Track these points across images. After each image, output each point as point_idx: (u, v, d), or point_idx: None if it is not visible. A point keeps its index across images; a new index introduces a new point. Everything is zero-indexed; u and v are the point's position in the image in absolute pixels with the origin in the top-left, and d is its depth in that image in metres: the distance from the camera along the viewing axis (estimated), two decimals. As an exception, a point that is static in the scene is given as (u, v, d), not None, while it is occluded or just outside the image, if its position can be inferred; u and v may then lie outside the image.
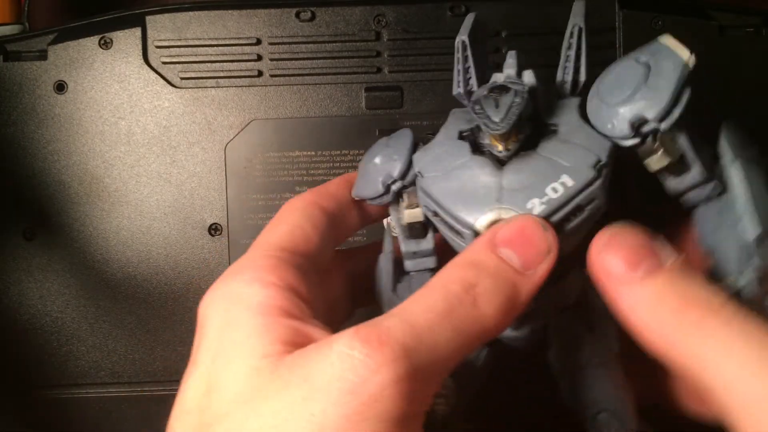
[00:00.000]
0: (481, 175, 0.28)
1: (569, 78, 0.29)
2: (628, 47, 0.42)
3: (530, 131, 0.28)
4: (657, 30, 0.42)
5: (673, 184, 0.28)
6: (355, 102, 0.43)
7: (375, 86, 0.43)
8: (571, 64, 0.29)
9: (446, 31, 0.43)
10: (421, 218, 0.31)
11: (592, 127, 0.28)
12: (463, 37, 0.29)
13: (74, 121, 0.43)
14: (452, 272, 0.25)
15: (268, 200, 0.43)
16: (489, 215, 0.27)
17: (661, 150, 0.27)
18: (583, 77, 0.29)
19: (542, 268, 0.26)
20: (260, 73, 0.43)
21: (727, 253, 0.27)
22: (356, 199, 0.33)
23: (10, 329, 0.43)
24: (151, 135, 0.43)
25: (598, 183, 0.26)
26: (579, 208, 0.27)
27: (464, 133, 0.30)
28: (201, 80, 0.43)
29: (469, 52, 0.30)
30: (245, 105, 0.43)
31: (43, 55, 0.43)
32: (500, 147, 0.27)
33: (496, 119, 0.26)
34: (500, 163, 0.28)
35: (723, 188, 0.28)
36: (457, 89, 0.30)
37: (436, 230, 0.31)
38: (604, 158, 0.27)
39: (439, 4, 0.43)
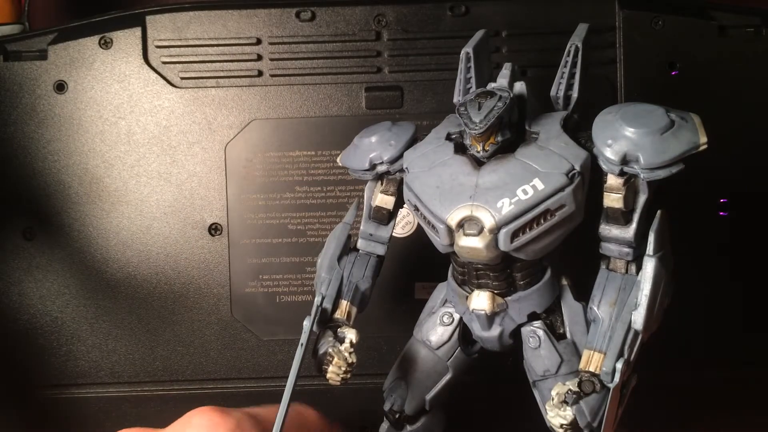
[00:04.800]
0: (459, 173, 0.29)
1: (561, 93, 0.31)
2: (628, 47, 0.42)
3: (512, 137, 0.29)
4: (657, 30, 0.42)
5: (606, 228, 0.30)
6: (355, 102, 0.43)
7: (375, 86, 0.43)
8: (564, 81, 0.31)
9: (446, 31, 0.43)
10: (390, 207, 0.34)
11: (574, 138, 0.29)
12: (468, 49, 0.31)
13: (74, 121, 0.43)
14: None
15: (268, 200, 0.43)
16: (461, 211, 0.28)
17: (623, 194, 0.29)
18: (575, 94, 0.31)
19: None
20: (260, 73, 0.43)
21: (614, 331, 0.29)
22: (340, 164, 0.35)
23: (10, 329, 0.43)
24: (151, 135, 0.43)
25: (568, 189, 0.28)
26: (548, 212, 0.28)
27: (452, 135, 0.31)
28: (201, 80, 0.43)
29: (472, 64, 0.31)
30: (245, 105, 0.43)
31: (43, 55, 0.43)
32: (479, 147, 0.29)
33: (476, 120, 0.28)
34: (479, 163, 0.29)
35: (637, 267, 0.29)
36: (457, 97, 0.32)
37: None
38: (578, 167, 0.28)
39: (439, 4, 0.43)
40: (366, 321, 0.34)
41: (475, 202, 0.28)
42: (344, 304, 0.33)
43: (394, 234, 0.35)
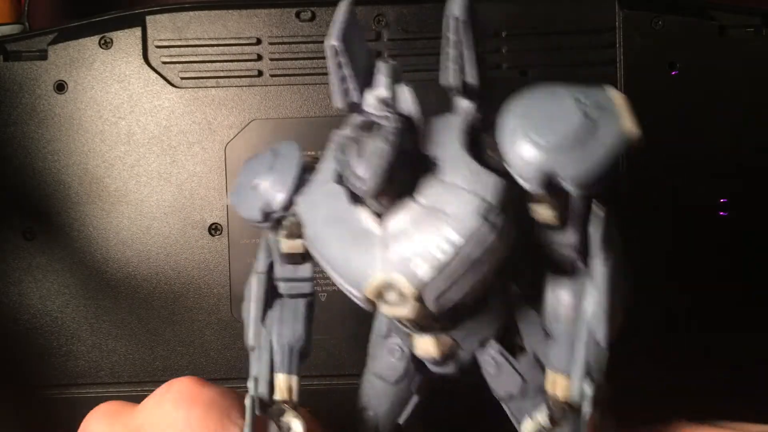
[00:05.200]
0: (359, 233, 0.24)
1: (456, 82, 0.25)
2: (628, 47, 0.42)
3: (406, 175, 0.24)
4: (657, 30, 0.42)
5: (541, 234, 0.25)
6: (355, 102, 0.43)
7: (375, 86, 0.43)
8: (455, 65, 0.25)
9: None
10: (301, 250, 0.28)
11: (478, 157, 0.24)
12: (332, 41, 0.24)
13: (74, 121, 0.43)
14: None
15: (268, 200, 0.43)
16: (374, 281, 0.24)
17: (550, 203, 0.24)
18: (470, 79, 0.25)
19: None
20: (260, 73, 0.43)
21: (574, 349, 0.25)
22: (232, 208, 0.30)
23: (10, 329, 0.43)
24: (151, 135, 0.43)
25: (487, 233, 0.23)
26: (477, 261, 0.23)
27: (340, 178, 0.25)
28: (201, 80, 0.43)
29: (342, 58, 0.24)
30: (245, 105, 0.43)
31: (43, 55, 0.43)
32: (374, 206, 0.24)
33: (360, 173, 0.22)
34: (379, 215, 0.24)
35: (584, 267, 0.25)
36: (337, 104, 0.26)
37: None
38: (493, 200, 0.23)
39: (439, 4, 0.42)
40: (357, 320, 0.34)
41: (386, 267, 0.23)
42: (281, 378, 0.28)
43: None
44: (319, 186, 0.26)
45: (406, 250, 0.23)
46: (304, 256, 0.28)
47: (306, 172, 0.27)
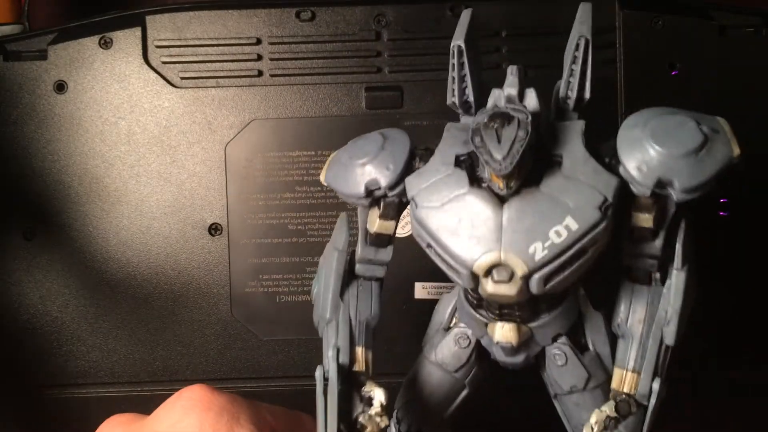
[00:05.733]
0: (480, 212, 0.26)
1: (573, 95, 0.28)
2: (628, 47, 0.42)
3: (531, 165, 0.26)
4: (657, 30, 0.42)
5: (630, 245, 0.28)
6: (355, 102, 0.43)
7: (375, 86, 0.43)
8: (576, 80, 0.27)
9: (446, 31, 0.43)
10: (390, 232, 0.30)
11: (598, 159, 0.27)
12: (459, 41, 0.27)
13: (74, 121, 0.43)
14: None
15: (268, 200, 0.43)
16: (488, 258, 0.26)
17: (653, 214, 0.27)
18: (587, 94, 0.28)
19: None
20: (260, 73, 0.43)
21: (645, 349, 0.28)
22: (324, 183, 0.32)
23: (10, 329, 0.43)
24: (151, 135, 0.43)
25: (602, 225, 0.25)
26: (583, 251, 0.26)
27: (461, 158, 0.28)
28: (201, 80, 0.43)
29: (465, 58, 0.27)
30: (245, 105, 0.43)
31: (43, 55, 0.43)
32: (501, 185, 0.26)
33: (499, 156, 0.25)
34: (501, 198, 0.26)
35: (661, 277, 0.28)
36: (452, 98, 0.29)
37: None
38: (610, 197, 0.26)
39: (439, 4, 0.43)
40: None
41: (503, 246, 0.25)
42: (360, 351, 0.30)
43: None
44: (433, 173, 0.28)
45: (525, 233, 0.25)
46: (390, 239, 0.31)
47: (413, 158, 0.29)
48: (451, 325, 0.32)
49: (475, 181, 0.27)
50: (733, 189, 0.43)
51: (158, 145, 0.43)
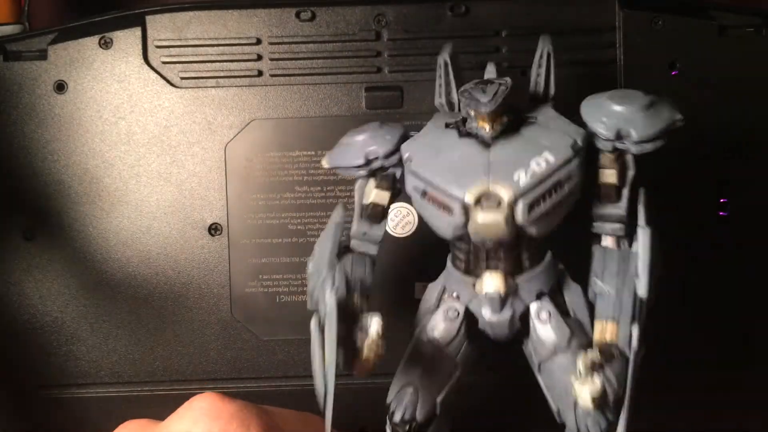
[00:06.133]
0: (469, 153, 0.30)
1: (541, 90, 0.34)
2: (628, 47, 0.42)
3: (513, 118, 0.31)
4: (657, 30, 0.42)
5: (598, 207, 0.32)
6: (355, 102, 0.43)
7: (375, 86, 0.43)
8: (542, 80, 0.34)
9: (446, 31, 0.43)
10: (385, 203, 0.33)
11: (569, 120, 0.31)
12: (445, 56, 0.34)
13: (74, 121, 0.43)
14: None
15: (268, 200, 0.43)
16: (477, 187, 0.29)
17: (616, 170, 0.31)
18: (552, 90, 0.34)
19: None
20: (260, 73, 0.43)
21: (621, 300, 0.30)
22: (326, 166, 0.34)
23: (10, 329, 0.43)
24: (151, 135, 0.43)
25: (575, 161, 0.30)
26: (559, 183, 0.29)
27: (450, 124, 0.32)
28: (201, 80, 0.43)
29: (450, 69, 0.34)
30: (245, 105, 0.43)
31: (43, 55, 0.43)
32: (487, 127, 0.30)
33: (484, 99, 0.29)
34: (487, 144, 0.30)
35: (629, 241, 0.31)
36: (439, 99, 0.35)
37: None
38: (580, 141, 0.30)
39: (439, 4, 0.43)
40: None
41: (491, 177, 0.29)
42: (356, 296, 0.32)
43: (394, 234, 0.35)
44: (426, 135, 0.32)
45: (509, 164, 0.29)
46: (384, 213, 0.34)
47: (407, 136, 0.33)
48: (440, 304, 0.34)
49: (464, 135, 0.31)
50: (733, 189, 0.43)
51: (158, 145, 0.43)
